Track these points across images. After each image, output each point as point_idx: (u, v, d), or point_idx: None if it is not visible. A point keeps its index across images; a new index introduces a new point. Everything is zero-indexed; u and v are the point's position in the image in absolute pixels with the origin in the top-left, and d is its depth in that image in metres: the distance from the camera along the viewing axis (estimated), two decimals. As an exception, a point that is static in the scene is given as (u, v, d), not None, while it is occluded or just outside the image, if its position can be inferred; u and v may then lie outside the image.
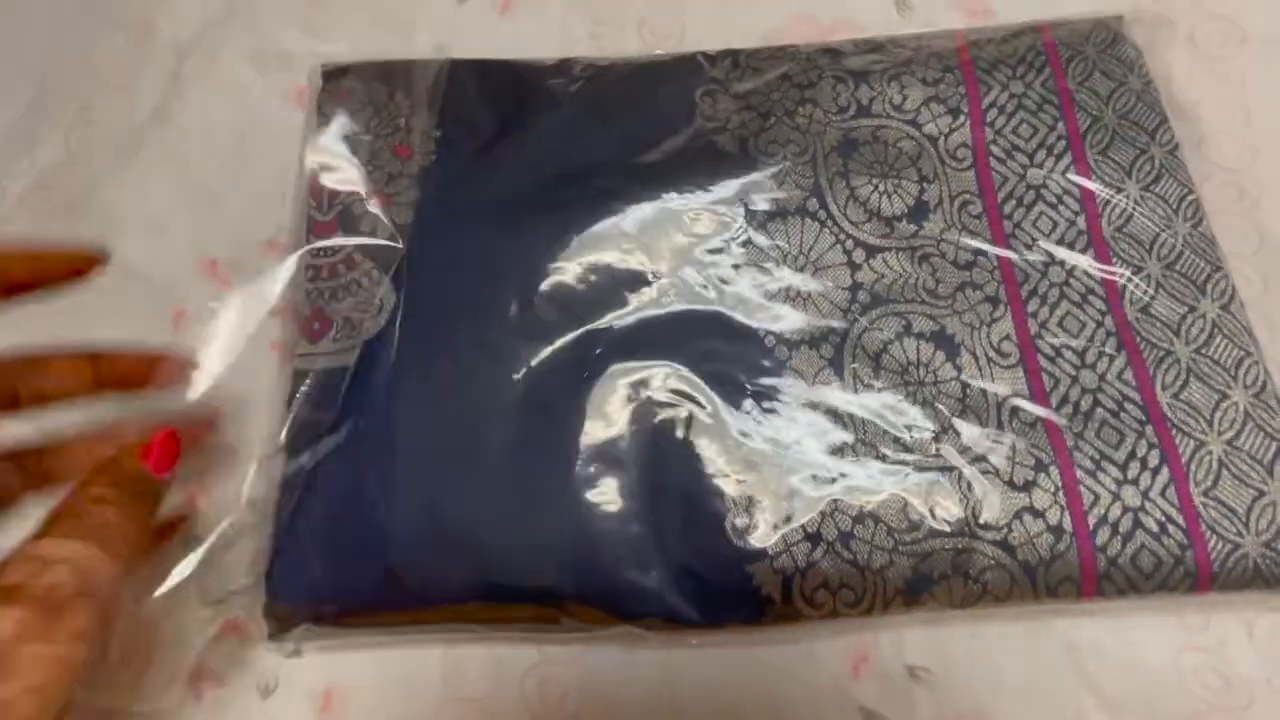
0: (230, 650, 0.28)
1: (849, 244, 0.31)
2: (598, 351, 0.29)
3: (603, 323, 0.29)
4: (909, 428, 0.27)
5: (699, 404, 0.28)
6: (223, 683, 0.28)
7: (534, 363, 0.29)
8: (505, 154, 0.32)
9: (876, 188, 0.31)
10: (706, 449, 0.27)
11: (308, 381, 0.29)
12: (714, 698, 0.27)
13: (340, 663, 0.28)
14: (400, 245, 0.30)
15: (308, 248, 0.31)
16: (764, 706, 0.27)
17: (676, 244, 0.30)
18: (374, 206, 0.31)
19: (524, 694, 0.27)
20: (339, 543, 0.26)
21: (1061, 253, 0.30)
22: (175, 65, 0.37)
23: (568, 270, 0.30)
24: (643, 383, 0.28)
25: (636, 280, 0.30)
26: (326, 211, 0.32)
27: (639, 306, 0.30)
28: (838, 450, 0.27)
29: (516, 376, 0.28)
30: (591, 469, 0.27)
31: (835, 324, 0.29)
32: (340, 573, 0.26)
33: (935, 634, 0.28)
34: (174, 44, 0.38)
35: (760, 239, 0.31)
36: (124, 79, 0.37)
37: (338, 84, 0.34)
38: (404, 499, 0.27)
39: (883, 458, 0.27)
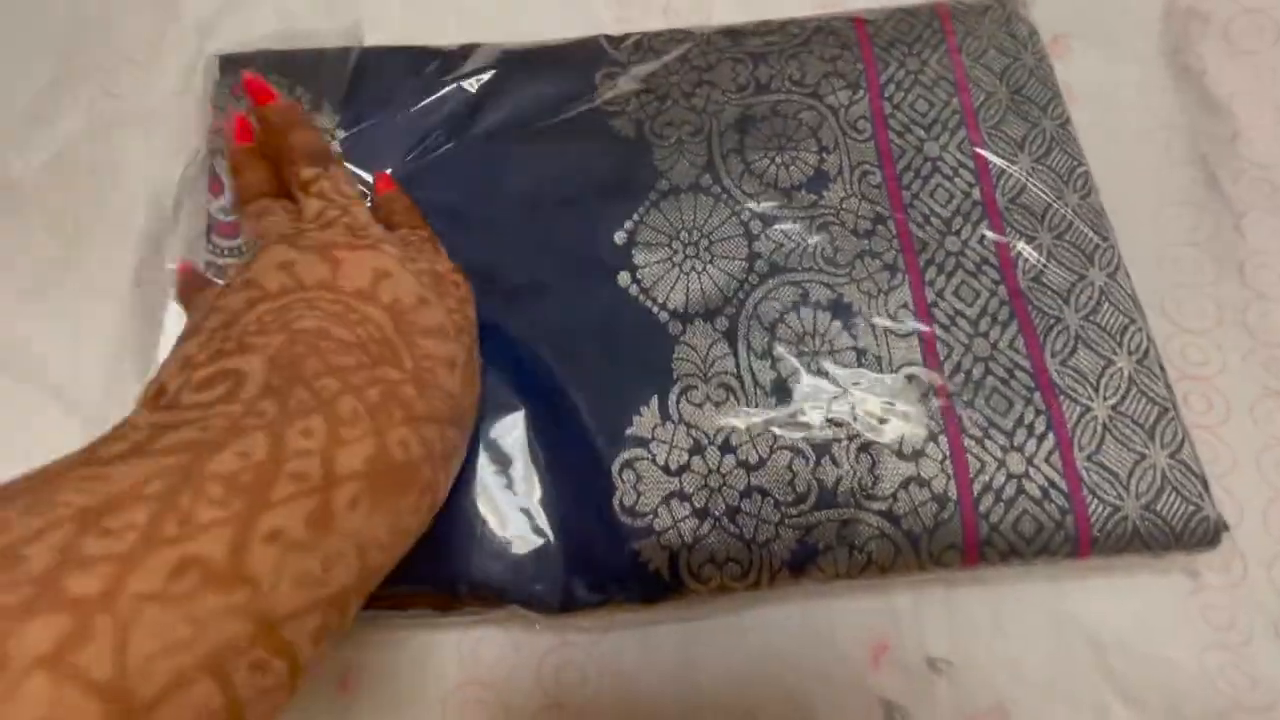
0: None
1: (745, 215, 0.30)
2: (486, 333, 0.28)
3: (494, 308, 0.29)
4: (802, 399, 0.27)
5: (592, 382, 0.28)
6: None
7: None
8: (405, 141, 0.31)
9: (773, 160, 0.31)
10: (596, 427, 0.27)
11: None
12: (732, 685, 0.27)
13: (359, 643, 0.28)
14: None
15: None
16: (783, 694, 0.27)
17: (569, 232, 0.30)
18: None
19: (541, 677, 0.27)
20: None
21: (957, 223, 0.30)
22: (198, 42, 0.36)
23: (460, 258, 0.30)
24: (537, 361, 0.28)
25: (530, 264, 0.30)
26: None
27: (530, 288, 0.29)
28: (728, 424, 0.27)
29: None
30: (485, 454, 0.27)
31: (731, 295, 0.29)
32: None
33: (956, 625, 0.27)
34: (196, 21, 0.37)
35: (654, 217, 0.30)
36: (146, 55, 0.36)
37: (235, 76, 0.33)
38: None
39: (773, 430, 0.27)
